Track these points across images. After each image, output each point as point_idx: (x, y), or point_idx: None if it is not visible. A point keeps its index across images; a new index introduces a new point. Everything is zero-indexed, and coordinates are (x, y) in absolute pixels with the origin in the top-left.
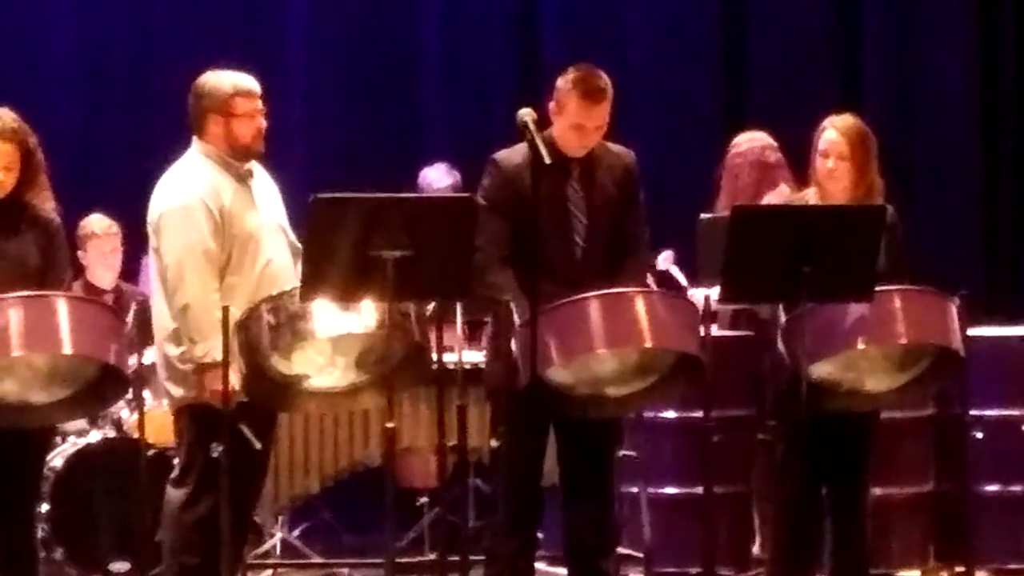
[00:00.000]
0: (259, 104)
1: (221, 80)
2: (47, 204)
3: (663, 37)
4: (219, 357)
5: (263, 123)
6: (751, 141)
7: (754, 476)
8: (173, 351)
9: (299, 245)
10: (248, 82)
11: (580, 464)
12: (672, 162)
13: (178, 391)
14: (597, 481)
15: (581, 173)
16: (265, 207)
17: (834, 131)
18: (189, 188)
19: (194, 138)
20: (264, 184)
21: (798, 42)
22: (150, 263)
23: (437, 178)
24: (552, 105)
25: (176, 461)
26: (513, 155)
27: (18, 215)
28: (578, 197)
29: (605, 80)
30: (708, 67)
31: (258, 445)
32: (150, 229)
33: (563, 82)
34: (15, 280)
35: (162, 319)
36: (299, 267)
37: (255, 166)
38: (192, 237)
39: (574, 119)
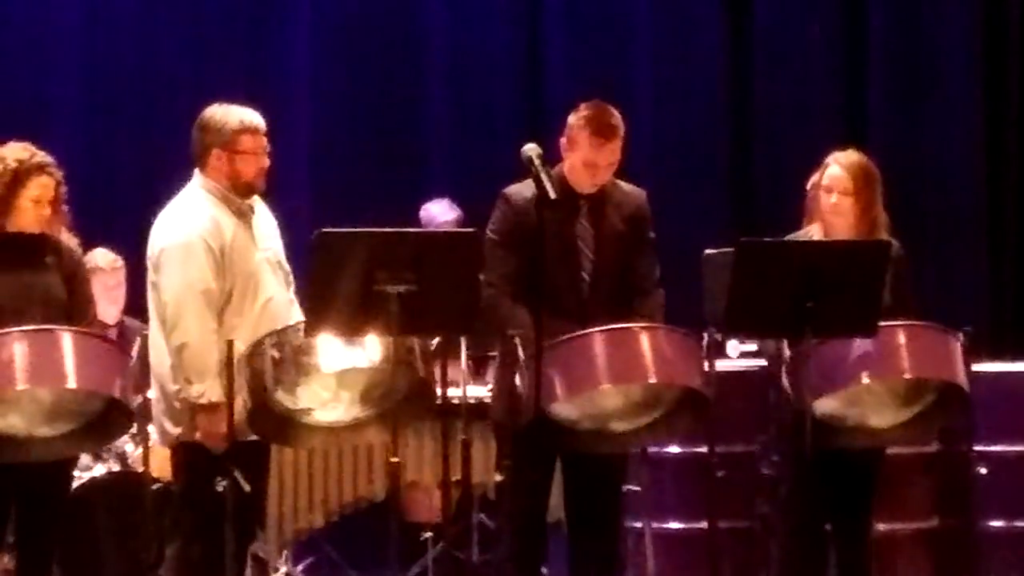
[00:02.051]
0: (264, 142)
1: (228, 115)
2: (67, 235)
3: (668, 72)
4: (215, 399)
5: (266, 161)
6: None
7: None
8: (171, 387)
9: (291, 279)
10: (254, 119)
11: (586, 499)
12: (678, 197)
13: (175, 429)
14: (603, 516)
15: (590, 209)
16: (264, 241)
17: (838, 167)
18: (191, 225)
19: (196, 171)
20: (263, 217)
21: (804, 79)
22: (148, 297)
23: (440, 212)
24: (563, 141)
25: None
26: (523, 190)
27: (43, 248)
28: (587, 233)
29: (617, 118)
30: (713, 104)
31: (247, 488)
32: (149, 264)
33: (575, 119)
34: (44, 312)
35: (160, 354)
36: (295, 301)
37: (255, 200)
38: (192, 276)
39: (585, 156)
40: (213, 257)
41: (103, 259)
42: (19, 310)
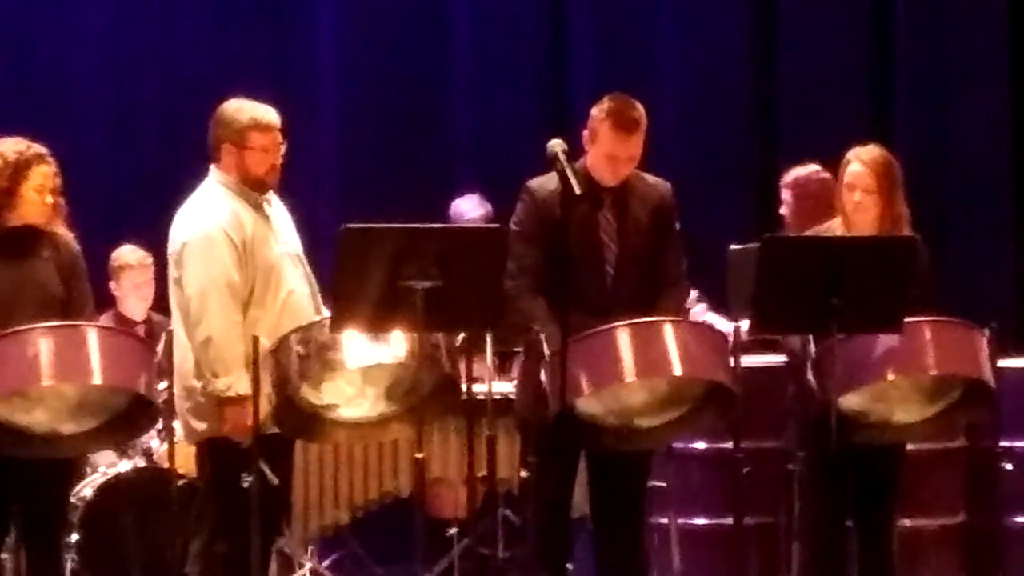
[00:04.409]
0: (277, 138)
1: (240, 111)
2: (63, 229)
3: (693, 68)
4: (242, 391)
5: (279, 159)
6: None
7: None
8: (194, 383)
9: (311, 276)
10: (267, 115)
11: (611, 495)
12: (703, 193)
13: (200, 425)
14: (628, 512)
15: (614, 202)
16: (282, 235)
17: (859, 164)
18: (211, 218)
19: (212, 165)
20: (279, 212)
21: (830, 73)
22: (170, 294)
23: (469, 209)
24: (586, 134)
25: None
26: (547, 183)
27: (38, 241)
28: (610, 227)
29: (639, 111)
30: (739, 98)
31: (275, 481)
32: (171, 259)
33: (597, 111)
34: (38, 306)
35: (184, 351)
36: (315, 298)
37: (271, 195)
38: (215, 269)
39: (607, 149)
40: (235, 250)
41: (132, 256)
42: (12, 304)
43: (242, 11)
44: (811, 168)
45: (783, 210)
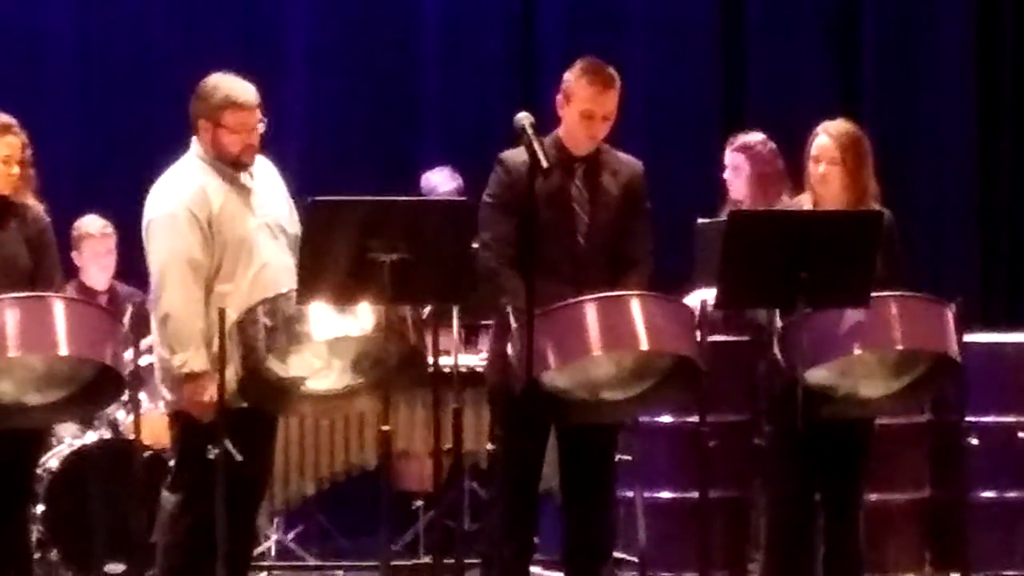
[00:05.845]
0: (253, 118)
1: (216, 88)
2: (32, 200)
3: (661, 41)
4: (197, 368)
5: (254, 139)
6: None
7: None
8: (164, 355)
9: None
10: (242, 94)
11: (581, 469)
12: (669, 165)
13: (170, 396)
14: (597, 486)
15: (585, 173)
16: (263, 207)
17: (826, 136)
18: (176, 196)
19: (193, 137)
20: (266, 179)
21: (798, 45)
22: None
23: (441, 182)
24: (559, 98)
25: (171, 464)
26: (520, 154)
27: (6, 211)
28: (582, 196)
29: (613, 70)
30: (706, 69)
31: (239, 458)
32: (143, 236)
33: (570, 73)
34: (5, 278)
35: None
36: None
37: (259, 159)
38: (176, 246)
39: (583, 106)
40: (199, 227)
41: (93, 225)
42: None
43: None
44: (759, 135)
45: (729, 175)
